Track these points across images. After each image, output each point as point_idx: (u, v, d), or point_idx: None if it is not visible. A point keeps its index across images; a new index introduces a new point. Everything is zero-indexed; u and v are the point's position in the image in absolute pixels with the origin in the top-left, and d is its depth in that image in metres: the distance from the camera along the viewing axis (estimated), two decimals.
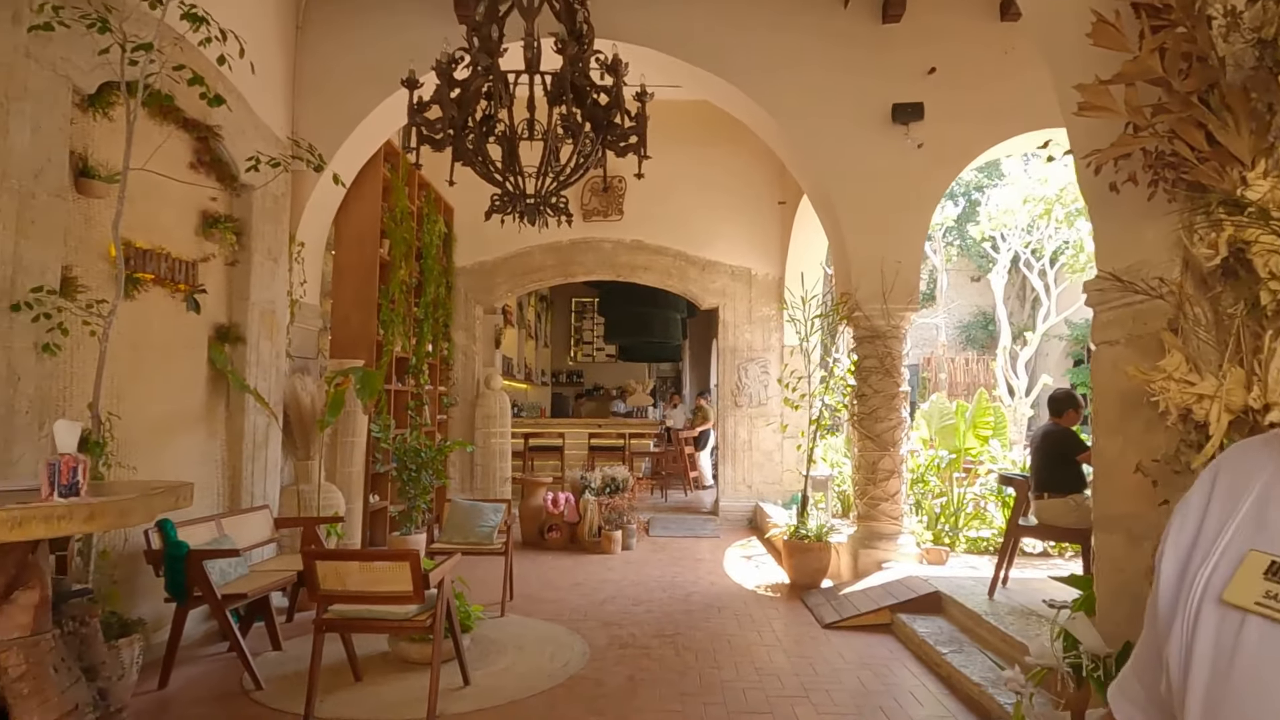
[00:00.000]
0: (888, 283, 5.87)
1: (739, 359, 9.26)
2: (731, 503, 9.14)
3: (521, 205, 4.32)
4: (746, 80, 6.00)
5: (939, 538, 6.26)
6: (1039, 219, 9.37)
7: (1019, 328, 13.71)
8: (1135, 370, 2.05)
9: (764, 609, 5.46)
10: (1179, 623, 0.59)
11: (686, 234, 9.29)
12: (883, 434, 5.92)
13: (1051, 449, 4.75)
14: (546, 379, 16.27)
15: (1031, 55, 5.93)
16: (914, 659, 4.36)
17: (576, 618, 5.17)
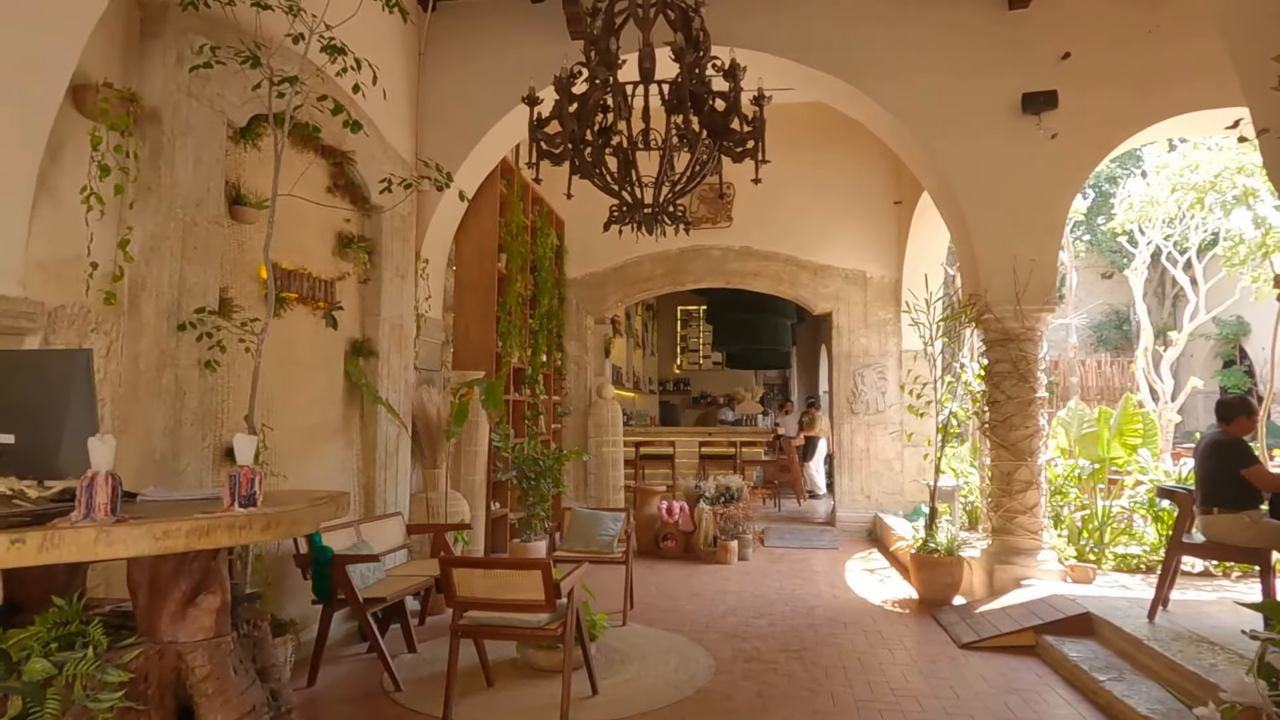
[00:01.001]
0: (1020, 282, 5.55)
1: (854, 365, 8.98)
2: (849, 513, 8.86)
3: (639, 215, 4.34)
4: (863, 78, 5.82)
5: (1083, 554, 5.83)
6: (1189, 209, 8.63)
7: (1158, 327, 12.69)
8: None
9: (893, 625, 5.23)
10: None
11: (797, 238, 9.11)
12: (1018, 443, 5.58)
13: (1222, 460, 4.32)
14: (654, 387, 16.33)
15: (1177, 32, 5.49)
16: (1065, 685, 4.06)
17: (698, 629, 5.11)
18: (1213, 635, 3.94)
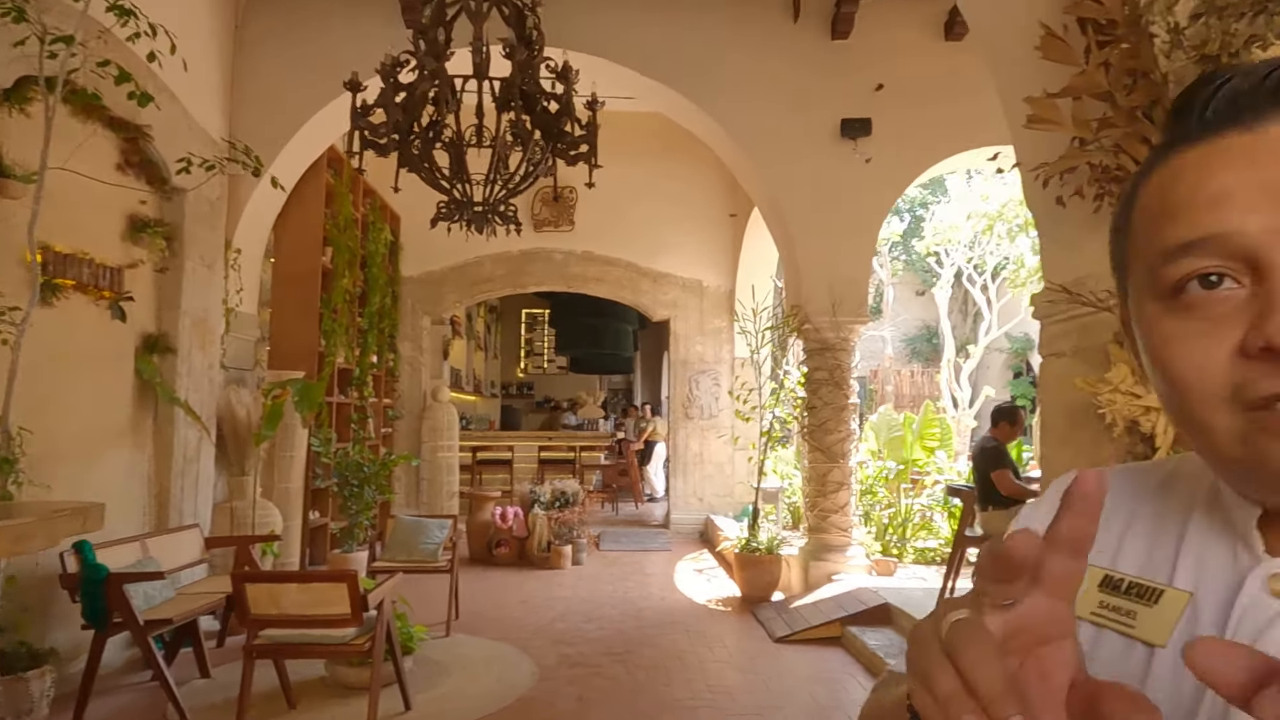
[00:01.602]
0: (837, 296, 5.92)
1: (690, 371, 9.24)
2: (683, 516, 9.09)
3: (469, 213, 4.23)
4: (699, 93, 6.01)
5: (887, 549, 6.31)
6: (981, 235, 9.60)
7: (962, 341, 14.03)
8: (1083, 382, 2.05)
9: (716, 624, 5.40)
10: None
11: (638, 245, 9.26)
12: (832, 446, 5.94)
13: (987, 462, 4.82)
14: (496, 391, 16.05)
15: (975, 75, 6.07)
16: (865, 672, 4.35)
17: (525, 636, 5.04)
18: None
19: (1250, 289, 0.46)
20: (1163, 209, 0.50)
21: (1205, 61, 1.64)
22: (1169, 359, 0.50)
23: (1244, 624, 0.50)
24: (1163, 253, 0.49)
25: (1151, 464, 0.66)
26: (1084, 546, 0.40)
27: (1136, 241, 0.52)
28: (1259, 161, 0.46)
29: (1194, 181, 0.48)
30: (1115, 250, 0.56)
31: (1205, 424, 0.49)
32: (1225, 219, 0.46)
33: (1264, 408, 0.46)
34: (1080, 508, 0.39)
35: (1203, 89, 0.50)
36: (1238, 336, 0.46)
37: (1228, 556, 0.54)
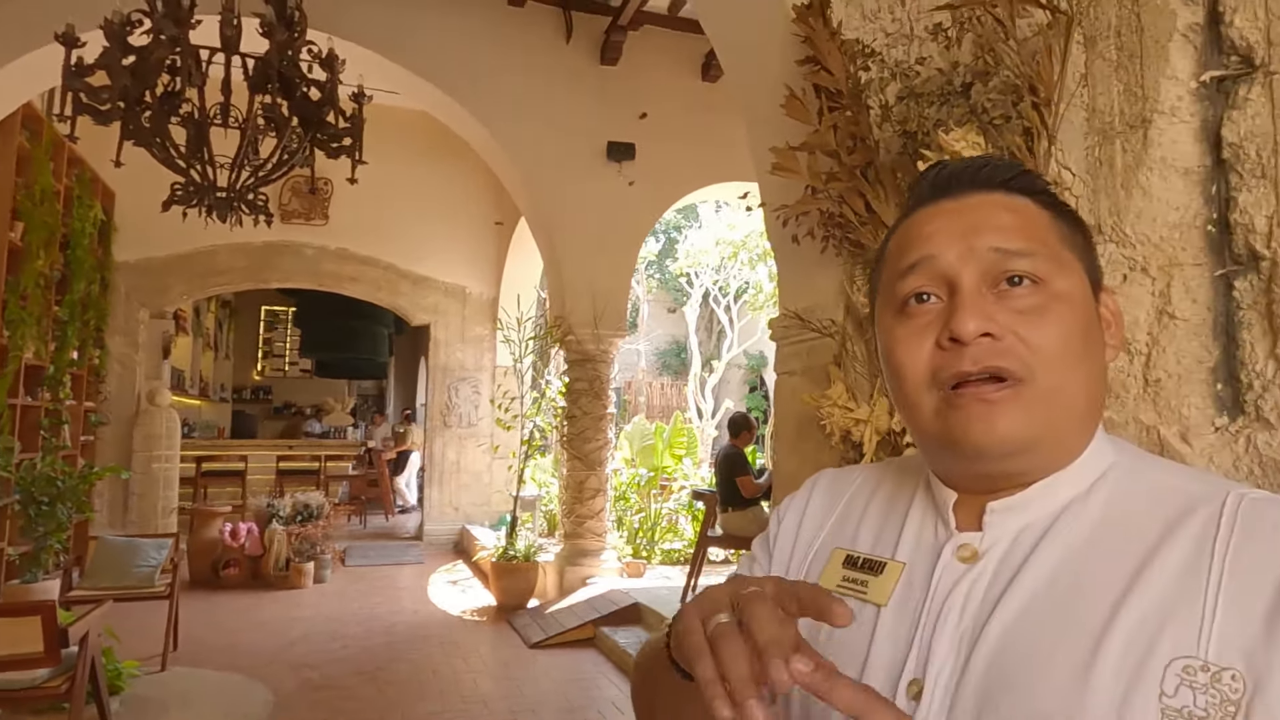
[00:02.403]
0: (599, 309, 6.17)
1: (450, 378, 9.06)
2: (438, 526, 8.86)
3: (211, 198, 3.84)
4: (470, 99, 5.96)
5: (638, 551, 6.66)
6: (727, 260, 10.52)
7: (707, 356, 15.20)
8: (808, 398, 2.36)
9: (471, 634, 5.35)
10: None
11: (399, 246, 8.91)
12: (590, 454, 6.16)
13: (730, 468, 5.32)
14: (227, 395, 14.46)
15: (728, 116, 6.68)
16: (616, 670, 4.56)
17: (259, 663, 4.62)
18: None
19: (946, 302, 0.65)
20: (899, 246, 0.69)
21: (906, 135, 1.99)
22: (895, 355, 0.67)
23: (940, 585, 0.65)
24: (897, 273, 0.68)
25: (888, 462, 0.83)
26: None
27: (884, 274, 0.71)
28: (958, 216, 0.66)
29: (919, 227, 0.68)
30: (871, 283, 0.74)
31: (915, 402, 0.66)
32: (932, 248, 0.66)
33: (952, 386, 0.63)
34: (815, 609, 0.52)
35: (931, 171, 0.71)
36: (935, 335, 0.64)
37: (933, 532, 0.69)
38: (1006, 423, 0.61)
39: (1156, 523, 0.60)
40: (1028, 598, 0.60)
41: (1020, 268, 0.63)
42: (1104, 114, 1.51)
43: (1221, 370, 1.31)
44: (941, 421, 0.64)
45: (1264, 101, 1.25)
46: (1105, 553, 0.60)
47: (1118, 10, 1.49)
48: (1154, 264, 1.40)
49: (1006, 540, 0.64)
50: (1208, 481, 0.63)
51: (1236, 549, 0.56)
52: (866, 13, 2.24)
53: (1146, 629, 0.55)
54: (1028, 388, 0.61)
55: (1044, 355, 0.61)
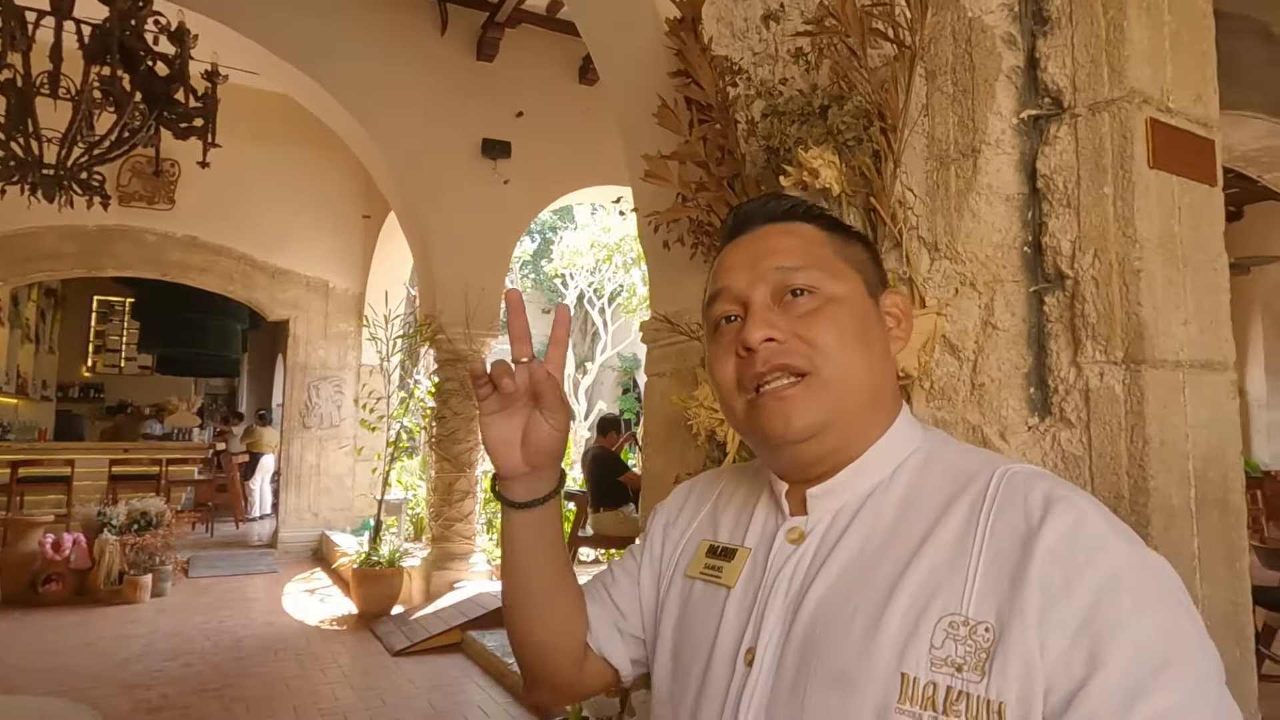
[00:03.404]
0: (471, 308, 6.06)
1: (311, 377, 8.61)
2: (294, 533, 8.39)
3: (36, 175, 3.51)
4: (338, 85, 5.70)
5: None
6: (602, 263, 10.59)
7: (581, 358, 15.23)
8: (676, 399, 2.44)
9: (329, 644, 5.12)
10: (662, 593, 0.88)
11: (257, 236, 8.38)
12: (460, 455, 6.04)
13: (602, 469, 5.38)
14: (50, 393, 13.08)
15: (603, 120, 6.75)
16: (483, 673, 4.50)
17: (86, 685, 4.23)
18: None
19: (744, 321, 0.76)
20: (712, 278, 0.83)
21: (770, 150, 2.10)
22: (713, 369, 0.80)
23: (773, 564, 0.75)
24: (710, 300, 0.81)
25: (753, 462, 0.93)
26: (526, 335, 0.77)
27: (705, 301, 0.83)
28: (750, 247, 0.80)
29: (723, 261, 0.82)
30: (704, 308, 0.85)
31: (731, 406, 0.77)
32: (730, 279, 0.79)
33: (752, 389, 0.74)
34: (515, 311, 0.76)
35: (732, 212, 0.85)
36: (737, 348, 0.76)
37: (773, 520, 0.80)
38: (799, 413, 0.72)
39: (942, 498, 0.70)
40: (839, 569, 0.70)
41: (798, 281, 0.75)
42: (941, 142, 1.66)
43: (1034, 376, 1.47)
44: (750, 419, 0.75)
45: (1070, 139, 1.43)
46: (901, 527, 0.70)
47: (954, 49, 1.64)
48: (980, 280, 1.56)
49: (826, 521, 0.75)
50: (987, 460, 0.73)
51: (995, 519, 0.65)
52: (735, 31, 2.35)
53: (924, 591, 0.64)
54: (814, 378, 0.73)
55: (823, 349, 0.73)
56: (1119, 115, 1.36)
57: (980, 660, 0.60)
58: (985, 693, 0.59)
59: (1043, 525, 0.62)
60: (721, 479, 0.92)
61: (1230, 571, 1.37)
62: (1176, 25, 1.43)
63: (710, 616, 0.77)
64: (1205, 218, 1.44)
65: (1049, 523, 0.62)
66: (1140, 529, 1.29)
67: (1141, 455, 1.30)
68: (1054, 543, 0.61)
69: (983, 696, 0.59)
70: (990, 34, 1.57)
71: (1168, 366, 1.33)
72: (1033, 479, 0.67)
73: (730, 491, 0.89)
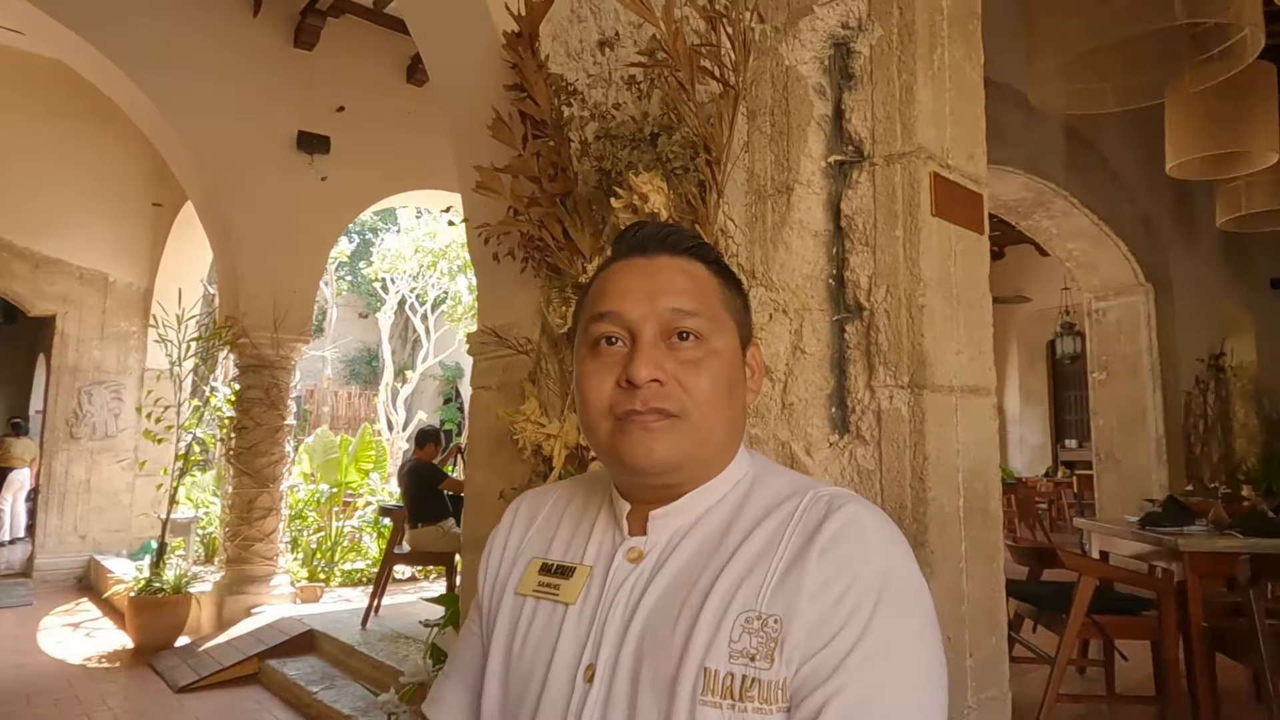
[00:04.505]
0: (280, 311, 5.65)
1: (83, 381, 7.61)
2: (55, 559, 7.35)
3: None
4: (125, 56, 5.12)
5: (315, 574, 6.17)
6: (426, 269, 10.25)
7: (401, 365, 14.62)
8: (503, 412, 2.43)
9: (98, 685, 4.53)
10: (490, 614, 0.87)
11: (16, 219, 7.30)
12: (263, 469, 5.60)
13: (420, 481, 5.20)
14: None
15: (433, 121, 6.56)
16: (283, 705, 4.18)
17: None
18: (408, 631, 4.65)
19: (628, 348, 0.78)
20: (600, 292, 0.83)
21: (602, 172, 2.15)
22: (584, 385, 0.80)
23: (612, 582, 0.78)
24: (594, 316, 0.81)
25: (582, 477, 0.96)
26: None
27: (585, 312, 0.84)
28: (648, 277, 0.81)
29: (616, 280, 0.82)
30: (576, 316, 0.87)
31: (595, 426, 0.79)
32: (623, 304, 0.79)
33: (623, 419, 0.76)
34: None
35: (631, 230, 0.86)
36: (616, 374, 0.78)
37: (612, 538, 0.82)
38: (661, 448, 0.76)
39: (759, 515, 0.77)
40: (666, 584, 0.75)
41: (688, 325, 0.78)
42: (760, 177, 1.78)
43: (835, 397, 1.62)
44: (613, 443, 0.78)
45: (869, 185, 1.59)
46: (722, 543, 0.76)
47: (773, 93, 1.78)
48: (792, 307, 1.69)
49: (664, 541, 0.79)
50: (802, 483, 0.81)
51: (799, 532, 0.73)
52: (571, 52, 2.39)
53: (730, 593, 0.71)
54: (682, 422, 0.76)
55: (697, 399, 0.77)
56: (909, 167, 1.53)
57: (770, 649, 0.68)
58: (773, 677, 0.67)
59: (821, 527, 0.72)
60: (551, 495, 0.93)
61: (989, 569, 1.58)
62: (955, 93, 1.64)
63: (546, 634, 0.79)
64: (975, 261, 1.66)
65: (826, 525, 0.72)
66: (920, 535, 1.45)
67: (922, 469, 1.46)
68: (826, 540, 0.71)
69: (772, 681, 0.67)
70: (804, 83, 1.72)
71: (944, 391, 1.52)
72: (836, 495, 0.77)
73: (563, 507, 0.90)
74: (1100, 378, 6.35)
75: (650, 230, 0.84)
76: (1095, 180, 5.62)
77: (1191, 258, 6.81)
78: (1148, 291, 6.07)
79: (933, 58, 1.57)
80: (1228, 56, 3.49)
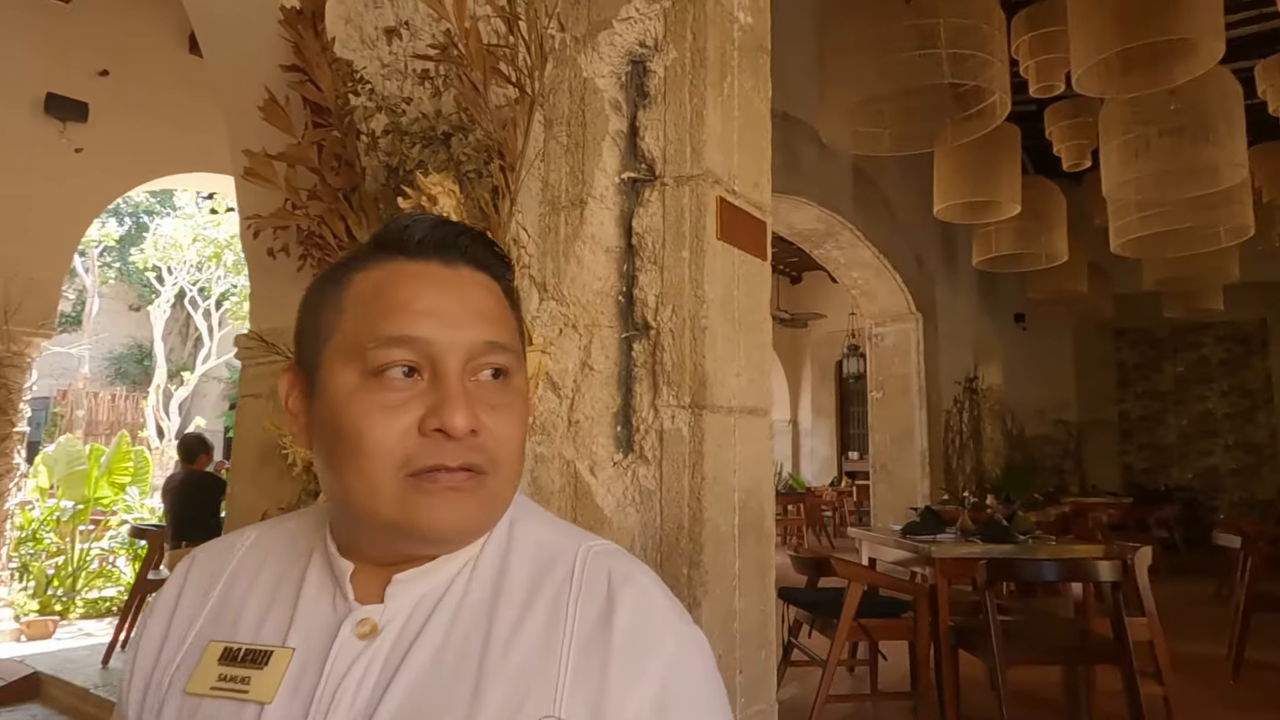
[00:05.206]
0: (14, 299, 4.85)
1: None
2: None
3: None
4: None
5: (48, 606, 5.32)
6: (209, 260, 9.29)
7: (178, 365, 13.14)
8: (270, 424, 2.20)
9: None
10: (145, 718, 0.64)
11: None
12: None
13: (193, 495, 4.66)
14: None
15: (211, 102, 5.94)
16: None
17: None
18: None
19: (429, 383, 0.60)
20: (384, 303, 0.62)
21: (390, 169, 2.02)
22: (359, 422, 0.59)
23: (336, 666, 0.59)
24: (377, 335, 0.60)
25: (277, 522, 0.74)
26: None
27: (348, 319, 0.62)
28: (455, 294, 0.63)
29: (412, 292, 0.62)
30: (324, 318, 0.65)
31: (375, 481, 0.59)
32: (428, 330, 0.60)
33: (424, 475, 0.59)
34: None
35: (422, 222, 0.66)
36: (415, 417, 0.59)
37: (330, 607, 0.63)
38: (467, 513, 0.61)
39: (528, 580, 0.64)
40: (421, 668, 0.59)
41: (501, 362, 0.63)
42: (555, 188, 1.74)
43: (621, 415, 1.60)
44: (406, 508, 0.59)
45: (659, 204, 1.59)
46: (488, 614, 0.62)
47: (570, 104, 1.74)
48: (582, 323, 1.66)
49: (406, 610, 0.62)
50: (568, 534, 0.69)
51: (583, 605, 0.61)
52: (365, 39, 2.23)
53: (517, 694, 0.57)
54: (490, 479, 0.62)
55: (506, 452, 0.63)
56: (696, 190, 1.55)
57: None
58: None
59: (614, 606, 0.61)
60: (234, 550, 0.70)
61: (761, 585, 1.63)
62: (744, 121, 1.69)
63: None
64: (757, 286, 1.72)
65: (619, 604, 0.62)
66: (696, 555, 1.47)
67: (700, 489, 1.48)
68: (624, 625, 0.61)
69: None
70: (602, 97, 1.70)
71: (723, 412, 1.54)
72: (608, 557, 0.66)
73: (251, 569, 0.68)
74: (878, 396, 6.99)
75: (449, 230, 0.66)
76: (878, 216, 6.18)
77: (953, 291, 7.69)
78: (918, 320, 6.76)
79: (723, 85, 1.61)
80: (983, 116, 3.96)
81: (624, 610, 0.61)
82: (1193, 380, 9.80)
